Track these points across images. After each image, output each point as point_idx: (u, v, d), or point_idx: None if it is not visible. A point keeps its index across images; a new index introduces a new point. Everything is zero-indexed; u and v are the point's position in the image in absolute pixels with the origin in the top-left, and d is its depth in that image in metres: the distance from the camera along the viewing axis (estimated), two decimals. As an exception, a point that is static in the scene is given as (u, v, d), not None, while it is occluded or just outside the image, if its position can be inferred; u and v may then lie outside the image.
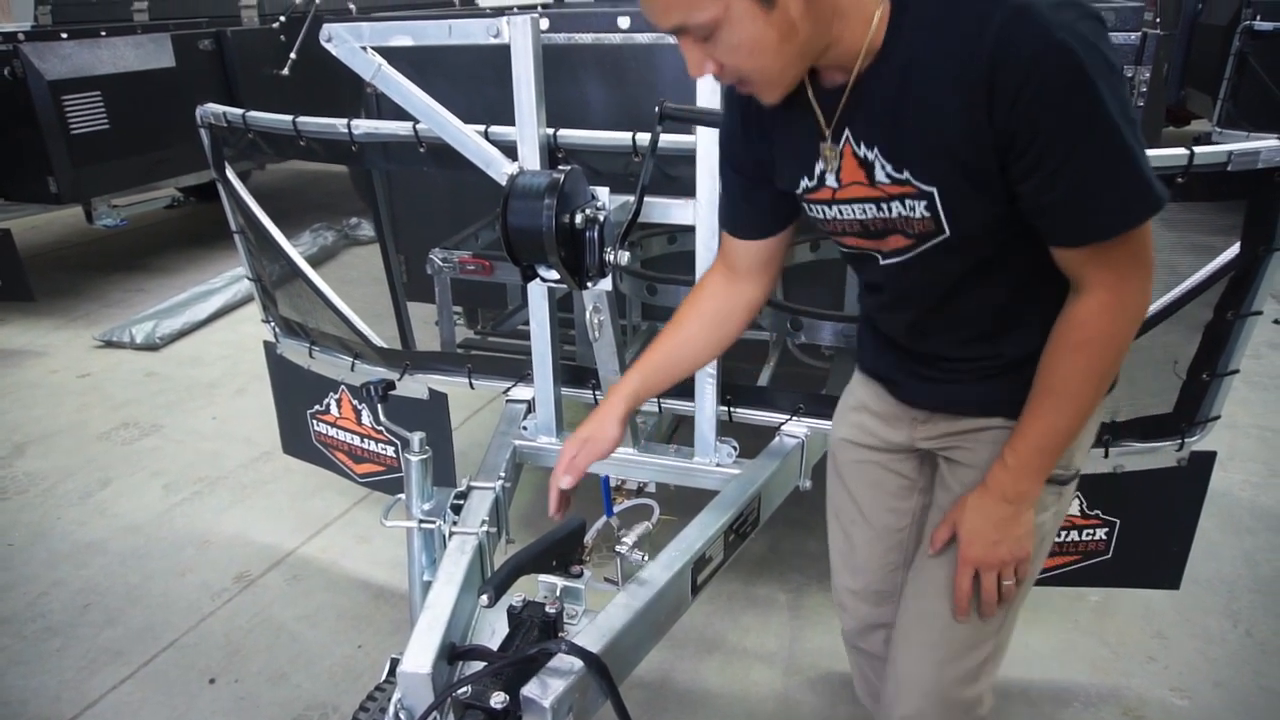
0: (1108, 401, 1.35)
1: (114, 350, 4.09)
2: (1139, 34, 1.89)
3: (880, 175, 1.02)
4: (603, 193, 1.37)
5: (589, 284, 1.35)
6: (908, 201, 1.02)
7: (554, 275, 1.33)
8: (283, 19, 5.43)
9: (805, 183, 1.10)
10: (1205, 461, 1.75)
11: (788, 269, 2.14)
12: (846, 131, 1.03)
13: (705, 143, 1.51)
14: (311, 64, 5.43)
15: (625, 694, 1.26)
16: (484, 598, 1.18)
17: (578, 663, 1.22)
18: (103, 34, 4.46)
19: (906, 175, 1.00)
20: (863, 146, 1.02)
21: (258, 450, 3.08)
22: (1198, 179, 1.40)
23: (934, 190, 0.99)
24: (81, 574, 2.48)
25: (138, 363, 3.95)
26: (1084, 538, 1.86)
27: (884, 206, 1.04)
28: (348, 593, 2.39)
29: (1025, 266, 1.06)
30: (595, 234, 1.29)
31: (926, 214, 1.01)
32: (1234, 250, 1.49)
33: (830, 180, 1.07)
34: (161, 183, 4.89)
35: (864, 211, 1.06)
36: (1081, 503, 1.82)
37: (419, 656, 1.24)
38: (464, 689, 1.19)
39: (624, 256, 1.32)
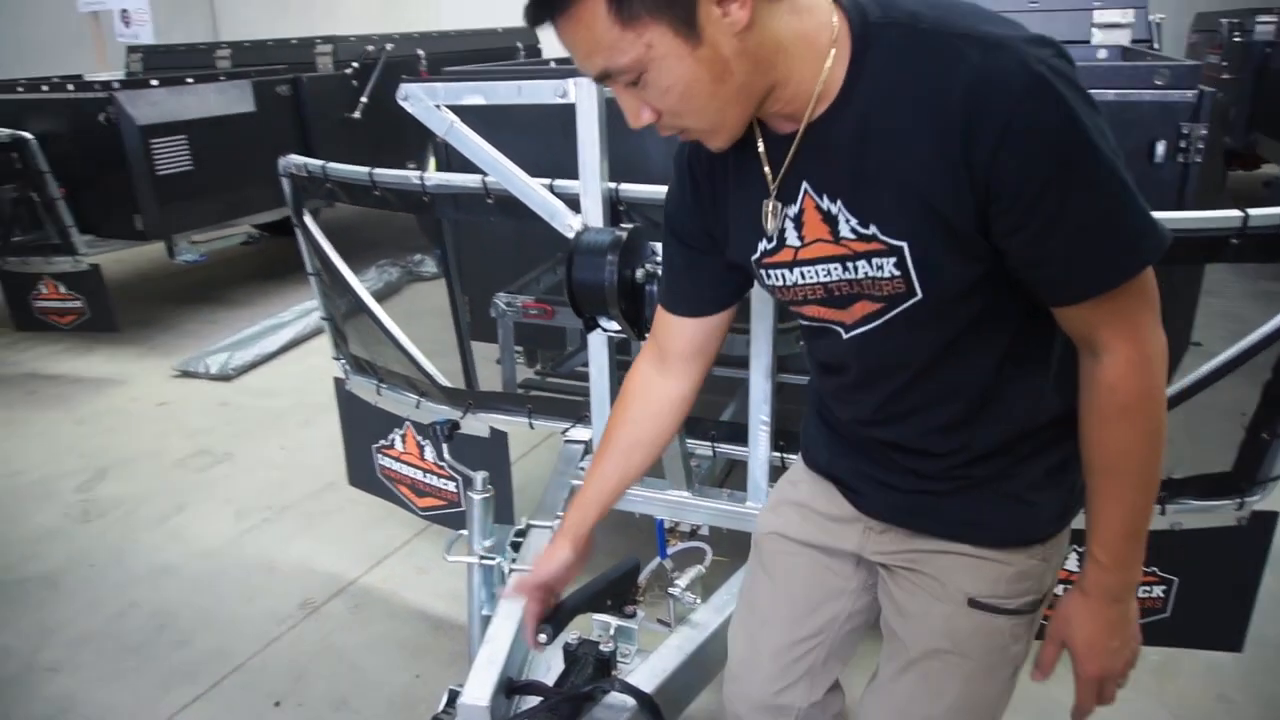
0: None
1: (190, 380, 4.28)
2: (1195, 92, 1.90)
3: (845, 230, 0.93)
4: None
5: (647, 335, 1.41)
6: (874, 260, 0.93)
7: (614, 326, 1.39)
8: (355, 65, 5.68)
9: (764, 245, 1.01)
10: (1267, 522, 1.72)
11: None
12: (805, 184, 0.95)
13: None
14: (381, 108, 5.68)
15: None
16: (541, 636, 1.23)
17: (630, 701, 1.27)
18: (189, 81, 4.72)
19: (873, 230, 0.91)
20: (825, 199, 0.94)
21: (323, 481, 3.19)
22: (1252, 240, 1.41)
23: (904, 245, 0.90)
24: (157, 596, 2.60)
25: (212, 392, 4.13)
26: (1140, 594, 1.84)
27: (849, 266, 0.95)
28: (407, 622, 2.46)
29: (1003, 341, 0.99)
30: (654, 288, 1.35)
31: (896, 273, 0.92)
32: (1293, 310, 1.49)
33: (791, 238, 0.98)
34: (238, 220, 5.12)
35: (828, 273, 0.97)
36: (1138, 558, 1.80)
37: (478, 689, 1.30)
38: (522, 723, 1.24)
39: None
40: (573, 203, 1.74)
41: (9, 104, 4.60)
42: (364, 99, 5.59)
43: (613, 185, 1.71)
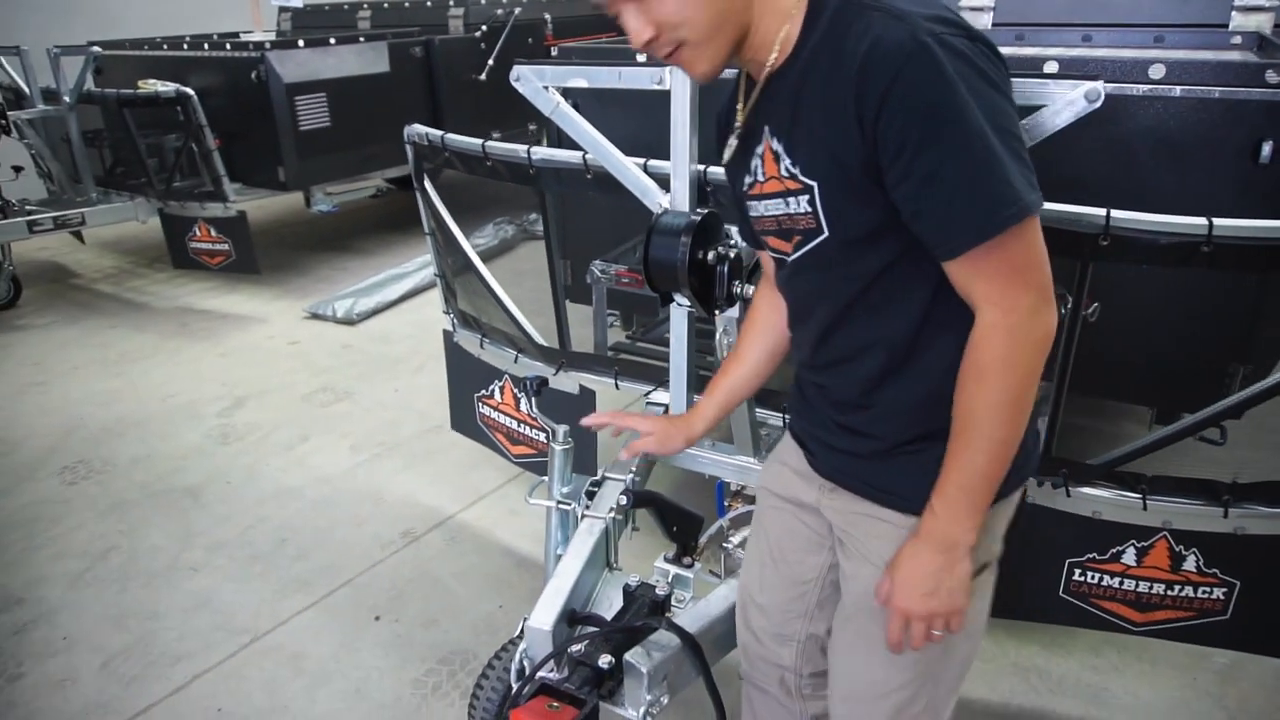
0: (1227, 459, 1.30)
1: (319, 322, 4.65)
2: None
3: (783, 169, 1.08)
4: (735, 230, 1.54)
5: (717, 311, 1.53)
6: (798, 196, 1.06)
7: (687, 301, 1.52)
8: (484, 28, 5.90)
9: (748, 179, 1.16)
10: (1337, 534, 1.71)
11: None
12: (765, 127, 1.09)
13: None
14: (506, 71, 5.86)
15: (719, 678, 1.43)
16: (623, 498, 1.42)
17: (675, 639, 1.41)
18: (332, 42, 5.04)
19: (796, 170, 1.05)
20: (775, 140, 1.08)
21: (430, 423, 3.46)
22: None
23: (814, 185, 1.03)
24: (282, 513, 2.92)
25: (337, 335, 4.48)
26: (1199, 594, 1.85)
27: (786, 201, 1.09)
28: (495, 558, 2.69)
29: (920, 301, 1.07)
30: (725, 269, 1.46)
31: (809, 209, 1.05)
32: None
33: (759, 174, 1.13)
34: (370, 174, 5.46)
35: (776, 206, 1.11)
36: (1199, 559, 1.82)
37: (544, 615, 1.47)
38: (577, 646, 1.41)
39: (750, 290, 1.49)
40: (664, 182, 1.86)
41: (175, 60, 5.05)
42: (491, 61, 5.80)
43: (701, 168, 1.82)
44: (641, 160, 1.89)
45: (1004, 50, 1.02)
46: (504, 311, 2.41)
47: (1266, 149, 1.90)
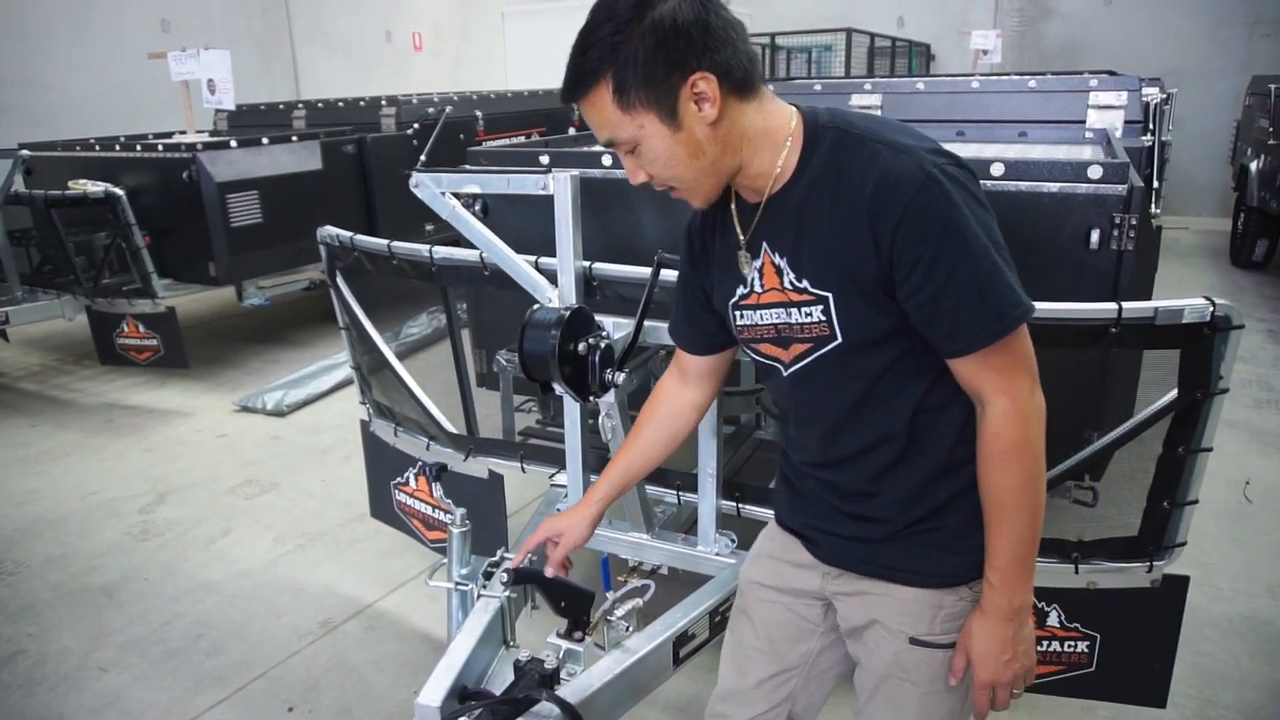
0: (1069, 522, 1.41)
1: (249, 415, 4.67)
2: (1126, 185, 2.08)
3: (787, 282, 1.19)
4: (609, 322, 1.68)
5: (591, 398, 1.65)
6: (805, 308, 1.18)
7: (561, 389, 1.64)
8: (416, 126, 6.13)
9: (741, 290, 1.26)
10: (1178, 585, 1.85)
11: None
12: (764, 243, 1.21)
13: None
14: (439, 165, 6.09)
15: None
16: (505, 575, 1.48)
17: (556, 710, 1.48)
18: (264, 141, 5.19)
19: (805, 284, 1.17)
20: (777, 256, 1.20)
21: (355, 512, 3.49)
22: (1130, 330, 1.59)
23: (828, 296, 1.15)
24: (198, 609, 2.91)
25: (266, 427, 4.50)
26: (1065, 649, 1.98)
27: (790, 311, 1.20)
28: (414, 644, 2.72)
29: (918, 393, 1.19)
30: (596, 358, 1.59)
31: (822, 318, 1.16)
32: (1174, 393, 1.66)
33: (756, 285, 1.23)
34: (302, 268, 5.55)
35: (777, 316, 1.21)
36: (1060, 614, 1.95)
37: (432, 693, 1.53)
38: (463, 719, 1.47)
39: (620, 377, 1.62)
40: (554, 278, 2.01)
41: (107, 161, 5.15)
42: (423, 157, 5.98)
43: (586, 264, 1.97)
44: (533, 258, 2.04)
45: None
46: (415, 401, 2.51)
47: (1094, 236, 2.12)
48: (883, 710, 1.35)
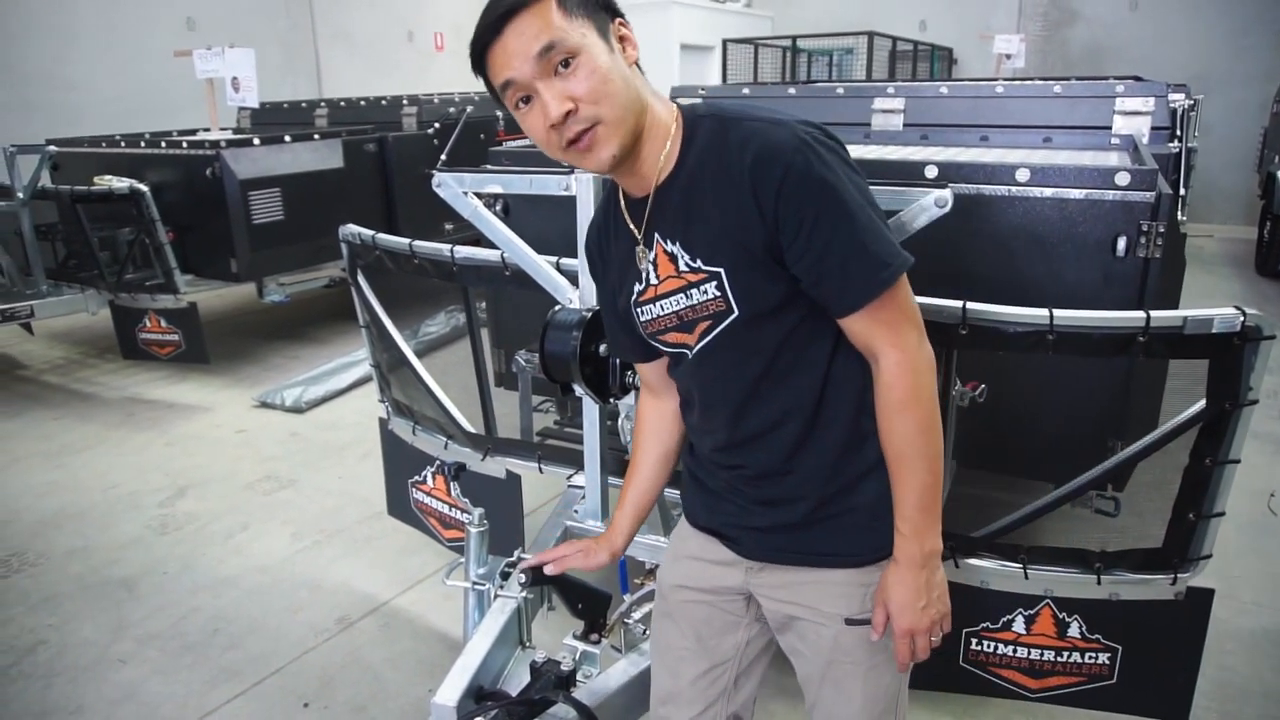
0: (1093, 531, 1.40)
1: (268, 410, 4.70)
2: (1154, 192, 2.06)
3: (682, 265, 1.22)
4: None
5: (611, 400, 1.65)
6: (701, 286, 1.21)
7: (582, 390, 1.64)
8: (436, 125, 6.15)
9: (638, 287, 1.28)
10: (1203, 598, 1.83)
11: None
12: (656, 234, 1.24)
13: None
14: (459, 164, 6.11)
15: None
16: (522, 575, 1.48)
17: (572, 712, 1.48)
18: (286, 139, 5.23)
19: (699, 263, 1.20)
20: (669, 243, 1.22)
21: (372, 509, 3.50)
22: (1158, 339, 1.57)
23: (720, 271, 1.18)
24: (216, 603, 2.93)
25: (285, 423, 4.52)
26: (1086, 659, 1.95)
27: (689, 293, 1.22)
28: (428, 642, 2.72)
29: (820, 367, 1.23)
30: (616, 360, 1.59)
31: (717, 294, 1.20)
32: (1201, 403, 1.63)
33: (652, 278, 1.26)
34: (322, 265, 5.59)
35: (677, 302, 1.24)
36: (1082, 626, 1.93)
37: (449, 692, 1.53)
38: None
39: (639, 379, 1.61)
40: (575, 278, 2.00)
41: (132, 157, 5.20)
42: (444, 156, 6.01)
43: (607, 265, 1.96)
44: (555, 258, 2.04)
45: (897, 151, 1.18)
46: (434, 400, 2.52)
47: (1121, 243, 2.09)
48: (832, 696, 1.37)
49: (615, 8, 1.18)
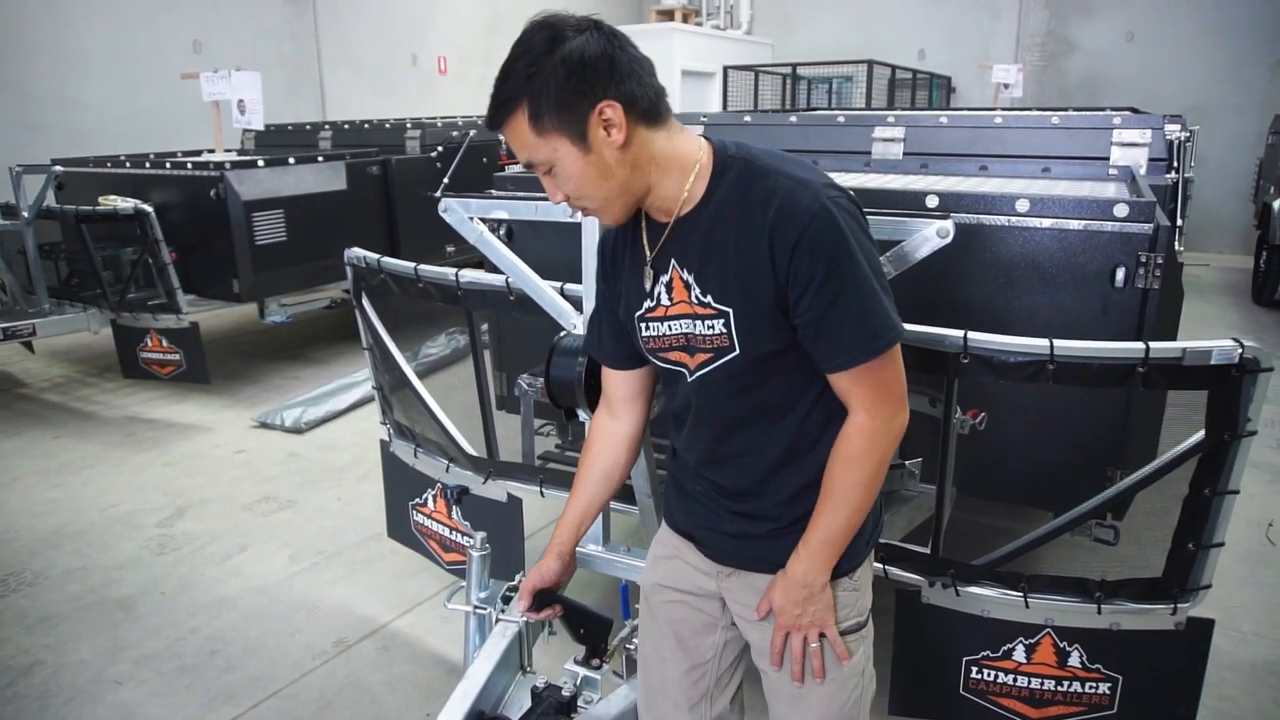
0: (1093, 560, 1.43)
1: (267, 431, 4.70)
2: (1153, 224, 2.09)
3: (694, 296, 1.29)
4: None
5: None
6: (709, 321, 1.28)
7: (586, 415, 1.65)
8: (440, 149, 6.20)
9: (647, 303, 1.35)
10: (1203, 628, 1.83)
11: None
12: (673, 260, 1.30)
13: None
14: (461, 189, 6.16)
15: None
16: (523, 601, 1.51)
17: (573, 738, 1.48)
18: (290, 161, 5.27)
19: (709, 299, 1.27)
20: (685, 271, 1.29)
21: (371, 531, 3.50)
22: (1157, 370, 1.59)
23: (729, 311, 1.26)
24: (213, 624, 2.92)
25: (284, 444, 4.52)
26: (1086, 689, 1.95)
27: (695, 323, 1.29)
28: (427, 666, 2.71)
29: (805, 408, 1.31)
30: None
31: (723, 331, 1.27)
32: (1200, 434, 1.65)
33: (664, 299, 1.32)
34: (324, 286, 5.61)
35: (685, 326, 1.31)
36: (1082, 655, 1.93)
37: (450, 717, 1.53)
38: (479, 748, 1.47)
39: (644, 405, 1.62)
40: (579, 304, 2.02)
41: (136, 178, 5.24)
42: (446, 180, 6.07)
43: (611, 291, 1.98)
44: (559, 284, 2.05)
45: (898, 180, 1.23)
46: (436, 422, 2.52)
47: (1120, 274, 2.12)
48: (790, 708, 1.43)
49: (599, 91, 1.17)
